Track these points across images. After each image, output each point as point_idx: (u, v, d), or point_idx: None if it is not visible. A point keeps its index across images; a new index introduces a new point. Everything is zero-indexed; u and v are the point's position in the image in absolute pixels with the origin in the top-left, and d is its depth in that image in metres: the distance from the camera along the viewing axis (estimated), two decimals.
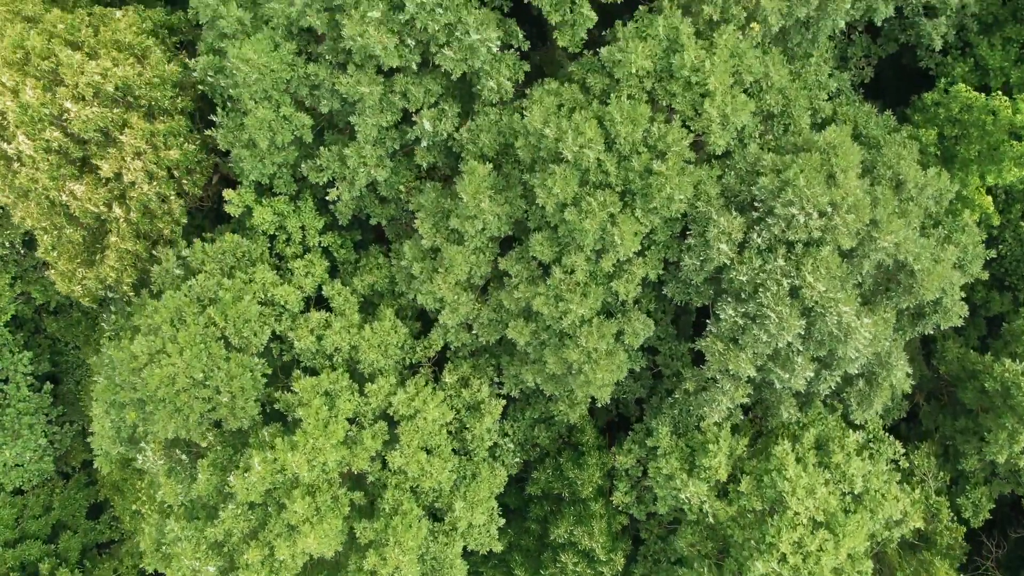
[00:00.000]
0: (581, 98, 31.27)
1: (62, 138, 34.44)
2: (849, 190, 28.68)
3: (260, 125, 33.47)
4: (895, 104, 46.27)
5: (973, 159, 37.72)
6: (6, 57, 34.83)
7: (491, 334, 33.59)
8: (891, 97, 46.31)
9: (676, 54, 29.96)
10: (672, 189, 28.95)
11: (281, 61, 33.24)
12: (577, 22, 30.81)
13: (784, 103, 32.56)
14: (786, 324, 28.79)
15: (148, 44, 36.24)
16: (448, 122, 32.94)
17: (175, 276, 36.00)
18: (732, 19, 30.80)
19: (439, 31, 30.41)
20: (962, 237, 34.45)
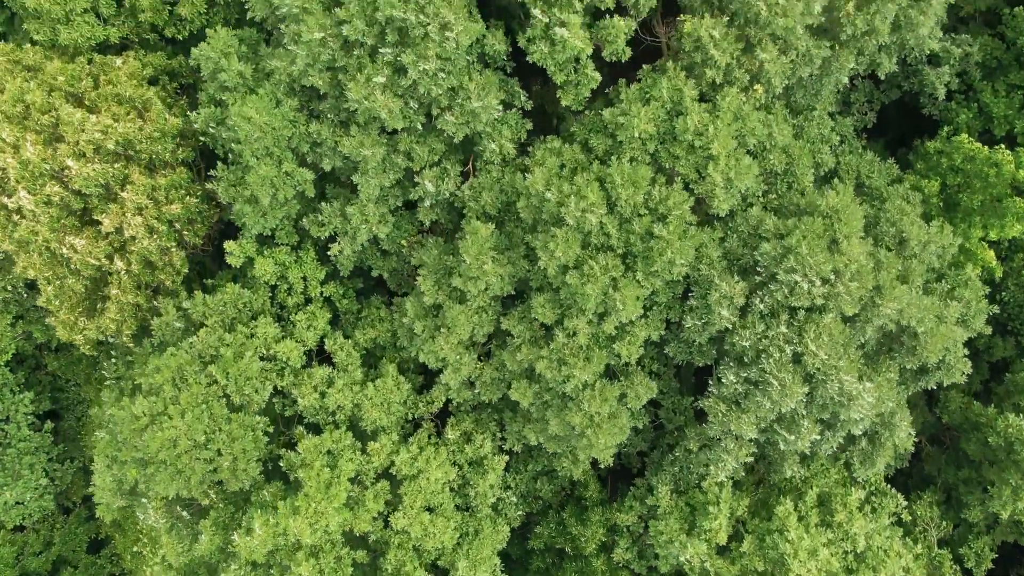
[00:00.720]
0: (583, 158, 31.21)
1: (63, 192, 34.37)
2: (852, 257, 28.62)
3: (262, 182, 33.40)
4: (898, 142, 46.21)
5: (975, 209, 37.61)
6: (6, 111, 34.78)
7: (494, 393, 33.52)
8: (894, 129, 46.18)
9: (679, 117, 29.91)
10: (673, 254, 28.88)
11: (283, 118, 33.19)
12: (581, 83, 30.74)
13: (787, 161, 32.49)
14: (788, 392, 28.72)
15: (149, 96, 36.16)
16: (451, 182, 32.87)
17: (176, 329, 35.94)
18: (735, 81, 30.72)
19: (442, 95, 30.34)
20: (965, 292, 34.37)
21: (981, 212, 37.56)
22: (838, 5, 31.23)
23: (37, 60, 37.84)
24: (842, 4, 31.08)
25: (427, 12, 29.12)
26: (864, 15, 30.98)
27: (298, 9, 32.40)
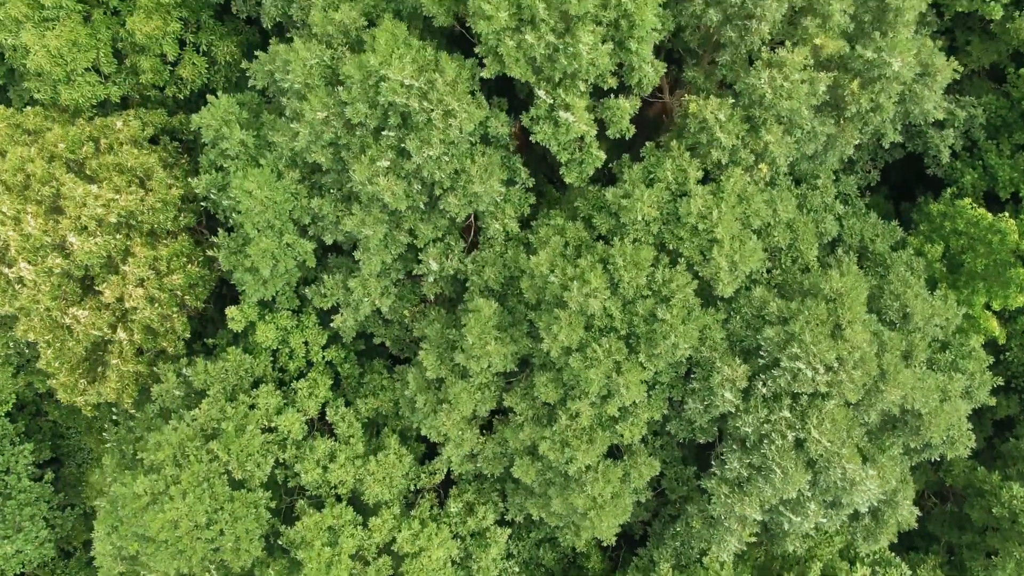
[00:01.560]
0: (586, 236, 31.06)
1: (64, 264, 34.22)
2: (856, 344, 28.48)
3: (262, 254, 33.27)
4: (902, 192, 46.03)
5: (979, 272, 37.45)
6: (7, 181, 34.65)
7: (496, 467, 33.40)
8: (897, 176, 45.98)
9: (683, 198, 29.76)
10: (677, 338, 28.75)
11: (284, 191, 33.05)
12: (586, 161, 30.56)
13: (792, 236, 32.33)
14: (791, 479, 28.60)
15: (151, 164, 36.01)
16: (455, 258, 32.74)
17: (176, 396, 35.83)
18: (740, 161, 30.57)
19: (445, 178, 30.20)
20: (969, 364, 34.22)
21: (984, 277, 37.41)
22: (843, 83, 31.08)
23: (38, 123, 37.71)
24: (846, 83, 30.93)
25: (430, 99, 28.96)
26: (869, 93, 30.83)
27: (300, 84, 32.30)
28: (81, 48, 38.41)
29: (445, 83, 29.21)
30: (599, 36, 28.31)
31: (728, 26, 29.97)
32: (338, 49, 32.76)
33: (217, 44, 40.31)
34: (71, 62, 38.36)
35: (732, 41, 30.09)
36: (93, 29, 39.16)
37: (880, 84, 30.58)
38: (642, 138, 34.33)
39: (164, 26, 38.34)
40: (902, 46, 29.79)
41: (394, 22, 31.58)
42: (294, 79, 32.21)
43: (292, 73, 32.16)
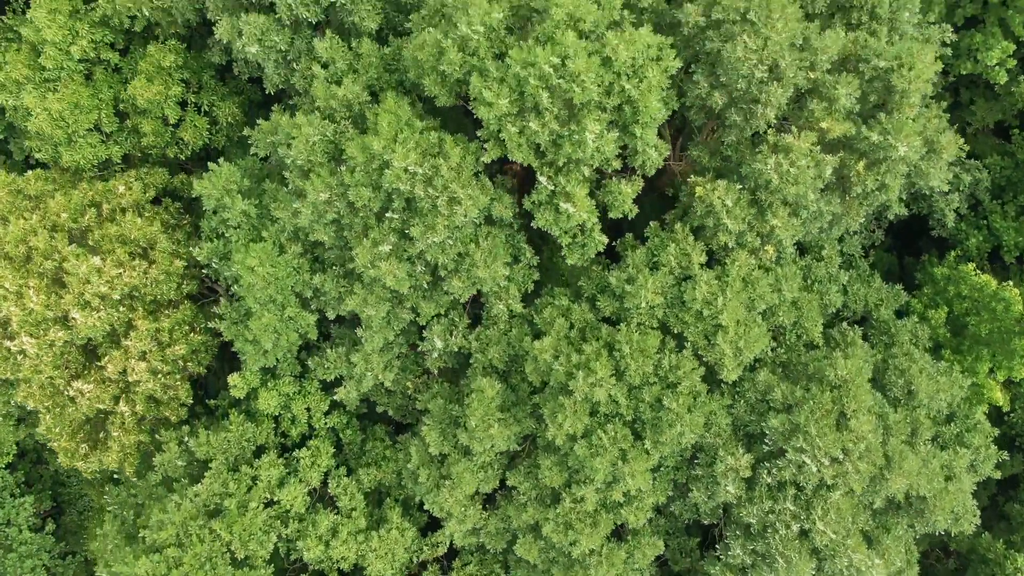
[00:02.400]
0: (591, 318, 30.91)
1: (67, 336, 34.07)
2: (861, 434, 28.35)
3: (264, 328, 33.13)
4: (906, 245, 45.83)
5: (983, 338, 37.30)
6: (9, 252, 34.50)
7: (498, 542, 33.30)
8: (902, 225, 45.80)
9: (688, 282, 29.62)
10: (683, 427, 28.62)
11: (286, 266, 32.90)
12: (587, 244, 30.38)
13: (797, 314, 32.18)
14: (795, 569, 28.48)
15: (153, 232, 35.87)
16: (459, 335, 32.60)
17: (179, 466, 35.71)
18: (746, 244, 30.40)
19: (449, 261, 30.05)
20: (974, 438, 34.10)
21: (988, 343, 37.26)
22: (848, 163, 30.90)
23: (39, 188, 37.54)
24: (852, 163, 30.74)
25: (435, 185, 28.80)
26: (875, 175, 30.67)
27: (303, 161, 32.15)
28: (83, 110, 38.30)
29: (449, 168, 29.03)
30: (604, 123, 28.14)
31: (733, 109, 29.80)
32: (341, 123, 32.61)
33: (219, 104, 40.17)
34: (72, 124, 38.25)
35: (737, 124, 29.92)
36: (95, 89, 39.04)
37: (886, 165, 30.41)
38: (646, 192, 34.01)
39: (165, 90, 38.21)
40: (908, 129, 29.59)
41: (397, 99, 31.43)
42: (296, 155, 32.06)
43: (295, 149, 32.01)
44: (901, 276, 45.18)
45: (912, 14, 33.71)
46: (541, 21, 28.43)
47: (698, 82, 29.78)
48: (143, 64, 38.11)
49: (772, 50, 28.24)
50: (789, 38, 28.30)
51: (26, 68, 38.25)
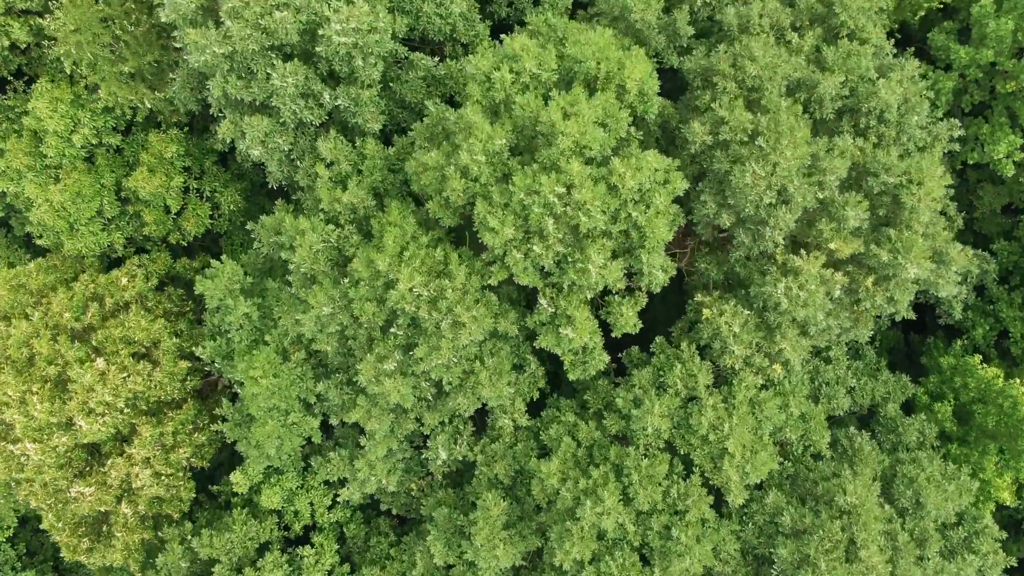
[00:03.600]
0: (598, 435, 30.68)
1: (71, 443, 33.85)
2: (871, 565, 28.15)
3: (267, 435, 32.92)
4: (912, 324, 45.49)
5: (989, 430, 37.09)
6: (12, 356, 34.26)
7: None
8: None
9: (694, 403, 29.42)
10: (692, 559, 28.41)
11: (290, 374, 32.67)
12: (589, 363, 30.14)
13: (804, 427, 31.96)
14: None
15: (157, 329, 35.63)
16: (463, 443, 32.42)
17: (182, 567, 35.52)
18: (753, 364, 30.17)
19: (454, 379, 29.85)
20: (982, 544, 33.90)
21: (994, 436, 37.05)
22: (857, 278, 30.67)
23: (41, 282, 37.28)
24: (861, 279, 30.52)
25: (439, 307, 28.57)
26: (884, 291, 30.45)
27: (306, 269, 31.92)
28: (84, 198, 38.05)
29: (454, 290, 28.80)
30: (609, 249, 27.89)
31: (741, 229, 29.56)
32: (345, 227, 32.41)
33: (221, 191, 39.91)
34: (74, 213, 38.00)
35: (745, 244, 29.68)
36: (96, 174, 38.78)
37: (895, 281, 30.19)
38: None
39: (167, 181, 37.95)
40: (917, 248, 29.38)
41: (401, 207, 31.20)
42: (300, 262, 31.85)
43: (298, 255, 31.81)
44: (907, 353, 44.96)
45: (921, 118, 33.50)
46: (546, 143, 28.15)
47: (705, 202, 29.53)
48: (145, 156, 37.86)
49: (781, 175, 28.02)
50: (798, 164, 28.06)
51: (27, 156, 37.99)
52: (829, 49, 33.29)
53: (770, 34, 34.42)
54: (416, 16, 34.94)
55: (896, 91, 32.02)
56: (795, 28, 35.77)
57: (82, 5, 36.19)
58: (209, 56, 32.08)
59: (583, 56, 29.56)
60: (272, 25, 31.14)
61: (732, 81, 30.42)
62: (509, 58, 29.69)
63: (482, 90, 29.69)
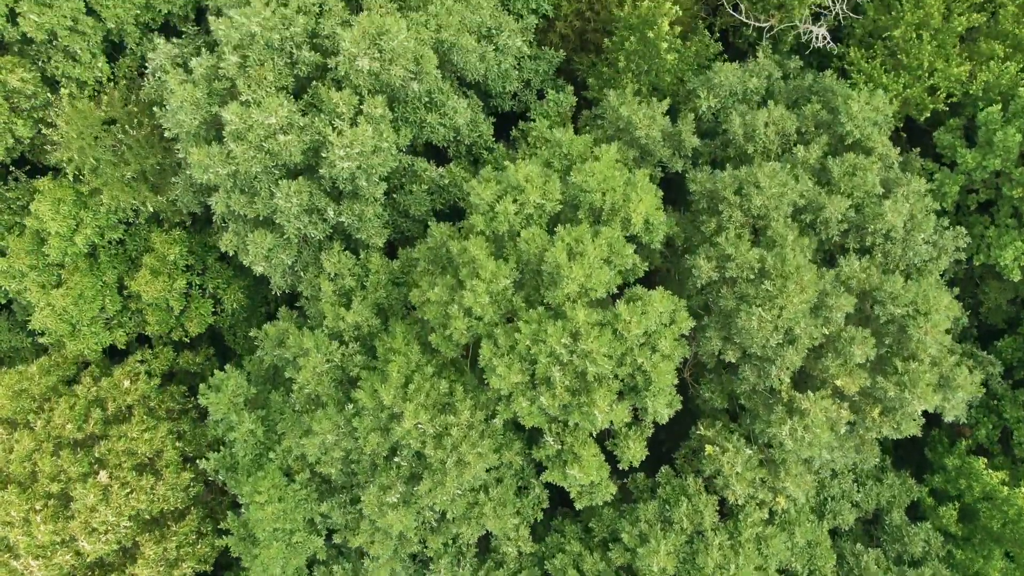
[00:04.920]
0: (604, 568, 30.64)
1: (74, 561, 33.82)
2: None
3: (272, 558, 32.88)
4: None
5: (994, 533, 37.03)
6: (14, 472, 34.22)
7: None
8: None
9: (699, 539, 29.36)
10: None
11: (295, 496, 32.63)
12: (596, 494, 30.09)
13: (809, 554, 31.91)
14: None
15: (160, 438, 35.57)
16: (467, 566, 32.37)
17: None
18: (758, 498, 30.10)
19: (457, 510, 29.84)
20: None
21: (999, 539, 36.99)
22: (863, 408, 30.57)
23: (44, 386, 37.21)
24: (868, 409, 30.41)
25: (444, 444, 28.53)
26: (891, 421, 30.35)
27: (310, 391, 31.88)
28: (86, 299, 37.94)
29: (460, 427, 28.74)
30: (614, 391, 27.80)
31: (747, 365, 29.45)
32: (350, 345, 32.35)
33: (223, 288, 39.79)
34: (76, 315, 37.90)
35: (749, 380, 29.57)
36: (99, 272, 38.66)
37: (902, 413, 30.09)
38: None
39: (170, 283, 37.84)
40: (924, 383, 29.27)
41: (406, 332, 31.12)
42: (303, 381, 31.82)
43: (302, 376, 31.79)
44: (912, 438, 44.83)
45: (927, 234, 33.36)
46: (551, 282, 28.01)
47: (711, 338, 29.41)
48: (148, 258, 37.73)
49: (787, 318, 27.89)
50: (804, 309, 27.93)
51: (28, 256, 37.88)
52: (834, 162, 33.16)
53: (775, 144, 34.30)
54: (420, 126, 34.79)
55: (902, 211, 31.85)
56: (800, 133, 35.67)
57: (84, 110, 36.08)
58: (212, 175, 31.96)
59: (588, 187, 29.41)
60: (276, 147, 31.03)
61: (738, 210, 30.28)
62: (514, 188, 29.55)
63: (485, 220, 29.56)
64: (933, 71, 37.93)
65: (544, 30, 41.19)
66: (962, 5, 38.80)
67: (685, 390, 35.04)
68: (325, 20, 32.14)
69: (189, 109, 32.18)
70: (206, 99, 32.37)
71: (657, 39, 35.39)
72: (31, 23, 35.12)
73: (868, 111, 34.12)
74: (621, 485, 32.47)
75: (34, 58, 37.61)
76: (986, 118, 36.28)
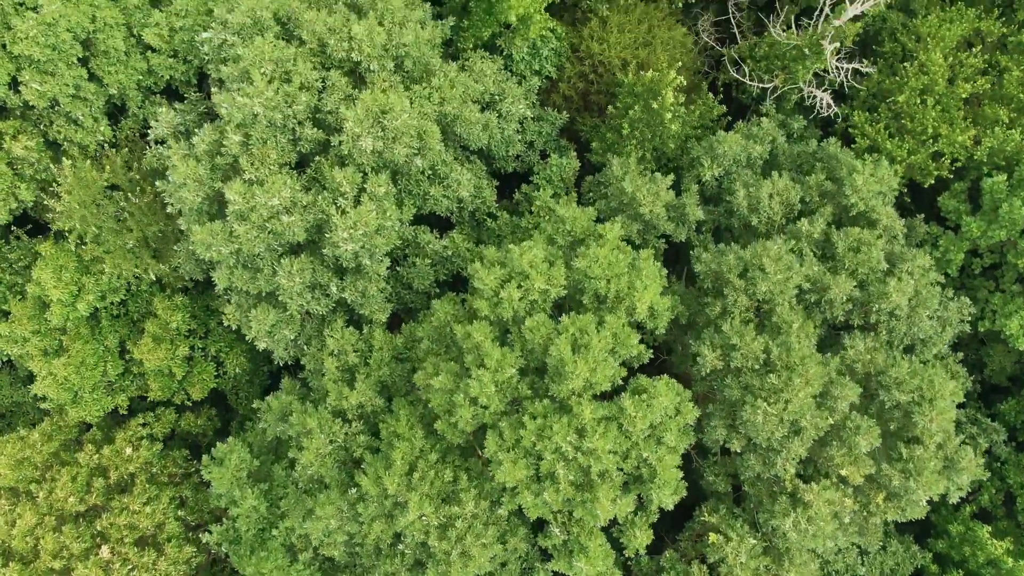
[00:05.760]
0: None
1: None
2: None
3: None
4: None
5: None
6: (16, 547, 34.14)
7: None
8: None
9: None
10: None
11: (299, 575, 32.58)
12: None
13: None
14: None
15: (162, 511, 35.51)
16: None
17: None
18: None
19: None
20: None
21: None
22: (868, 493, 30.50)
23: (46, 454, 37.13)
24: (872, 495, 30.34)
25: (449, 536, 28.45)
26: (896, 507, 30.28)
27: (313, 471, 31.80)
28: (88, 366, 37.84)
29: (465, 518, 28.67)
30: (619, 484, 27.71)
31: (752, 455, 29.37)
32: (353, 424, 32.27)
33: (226, 352, 39.69)
34: (78, 383, 37.79)
35: (754, 468, 29.49)
36: (100, 336, 38.54)
37: (906, 500, 30.01)
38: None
39: (172, 350, 37.73)
40: (929, 472, 29.20)
41: (409, 415, 31.03)
42: (307, 462, 31.74)
43: (305, 457, 31.70)
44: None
45: (931, 311, 33.28)
46: (557, 375, 27.91)
47: (716, 427, 29.34)
48: (150, 325, 37.62)
49: (793, 411, 27.81)
50: (810, 402, 27.85)
51: (30, 322, 37.78)
52: (839, 236, 33.08)
53: (779, 215, 34.19)
54: (424, 198, 34.69)
55: (907, 290, 31.76)
56: (804, 202, 35.54)
57: (86, 179, 35.96)
58: (215, 253, 31.86)
59: (592, 273, 29.31)
60: (279, 228, 30.93)
61: (743, 294, 30.18)
62: (518, 274, 29.46)
63: (490, 306, 29.47)
64: (937, 136, 37.78)
65: (547, 90, 41.10)
66: (967, 70, 38.71)
67: (689, 462, 34.99)
68: (328, 95, 31.99)
69: (192, 186, 32.07)
70: (209, 175, 32.25)
71: (662, 109, 35.26)
72: (33, 92, 34.94)
73: (872, 183, 34.06)
74: (624, 564, 32.36)
75: (36, 122, 37.47)
76: (991, 187, 36.17)
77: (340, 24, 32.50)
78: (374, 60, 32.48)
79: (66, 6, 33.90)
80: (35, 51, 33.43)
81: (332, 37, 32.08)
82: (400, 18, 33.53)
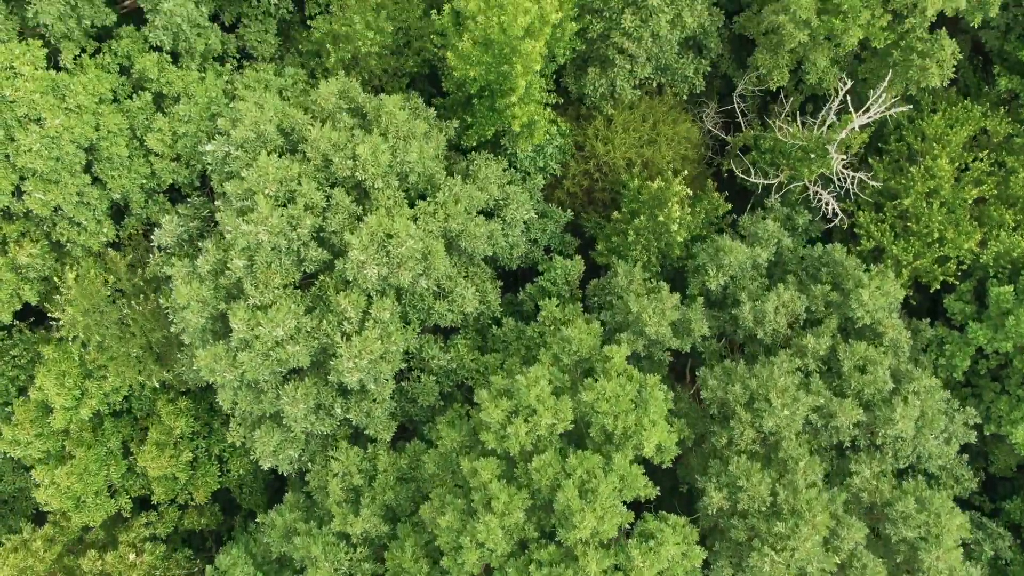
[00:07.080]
0: None
1: None
2: None
3: None
4: None
5: None
6: None
7: None
8: None
9: None
10: None
11: None
12: None
13: None
14: None
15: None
16: None
17: None
18: None
19: None
20: None
21: None
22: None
23: (48, 562, 37.10)
24: None
25: None
26: None
27: None
28: (91, 473, 37.73)
29: None
30: None
31: None
32: (359, 549, 32.22)
33: (229, 453, 39.59)
34: (81, 490, 37.67)
35: None
36: (103, 440, 38.43)
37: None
38: None
39: (176, 456, 37.64)
40: None
41: (414, 547, 31.02)
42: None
43: None
44: None
45: (936, 432, 33.25)
46: (564, 519, 27.81)
47: (722, 567, 29.26)
48: (153, 432, 37.51)
49: (799, 557, 27.75)
50: (818, 550, 27.78)
51: (34, 426, 37.66)
52: (845, 353, 32.99)
53: (783, 326, 34.07)
54: (428, 312, 34.54)
55: (913, 415, 31.69)
56: (810, 311, 35.39)
57: (89, 289, 35.82)
58: (219, 377, 31.75)
59: (599, 407, 29.22)
60: (283, 356, 30.81)
61: (750, 427, 30.09)
62: (525, 408, 29.36)
63: (497, 439, 29.39)
64: (943, 240, 37.62)
65: (552, 186, 40.95)
66: (973, 172, 38.56)
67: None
68: (332, 216, 31.82)
69: (196, 307, 31.92)
70: (212, 295, 32.10)
71: (667, 220, 35.12)
72: (36, 201, 34.73)
73: (879, 296, 33.94)
74: None
75: (39, 223, 37.29)
76: (998, 296, 36.04)
77: (345, 141, 32.30)
78: (379, 178, 32.31)
79: (69, 118, 33.64)
80: (38, 164, 33.20)
81: (336, 155, 31.88)
82: (405, 131, 33.32)
